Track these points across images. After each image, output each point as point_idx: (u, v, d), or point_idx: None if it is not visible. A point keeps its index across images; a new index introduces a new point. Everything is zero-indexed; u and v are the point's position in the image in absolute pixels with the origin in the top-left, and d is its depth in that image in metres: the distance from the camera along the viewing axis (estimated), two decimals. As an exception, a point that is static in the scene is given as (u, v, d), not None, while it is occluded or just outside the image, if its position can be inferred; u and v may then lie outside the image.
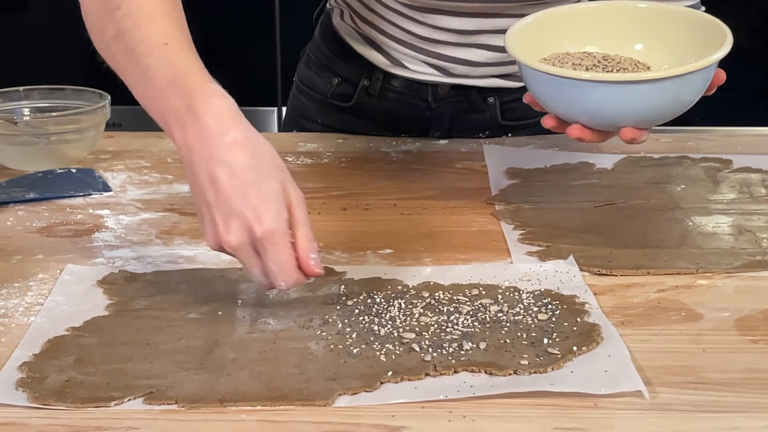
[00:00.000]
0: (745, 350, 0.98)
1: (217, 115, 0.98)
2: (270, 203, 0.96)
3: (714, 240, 1.21)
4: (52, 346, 0.97)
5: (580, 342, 0.97)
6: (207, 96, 0.99)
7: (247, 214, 0.95)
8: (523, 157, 1.47)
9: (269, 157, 0.99)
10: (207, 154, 0.97)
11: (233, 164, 0.96)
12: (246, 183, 0.96)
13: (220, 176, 0.96)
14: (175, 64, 1.02)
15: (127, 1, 1.07)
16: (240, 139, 0.97)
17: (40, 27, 2.96)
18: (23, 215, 1.29)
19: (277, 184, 0.97)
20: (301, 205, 0.98)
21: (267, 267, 0.97)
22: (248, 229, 0.96)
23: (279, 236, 0.96)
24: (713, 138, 1.58)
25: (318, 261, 0.98)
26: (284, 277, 0.97)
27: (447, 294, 1.07)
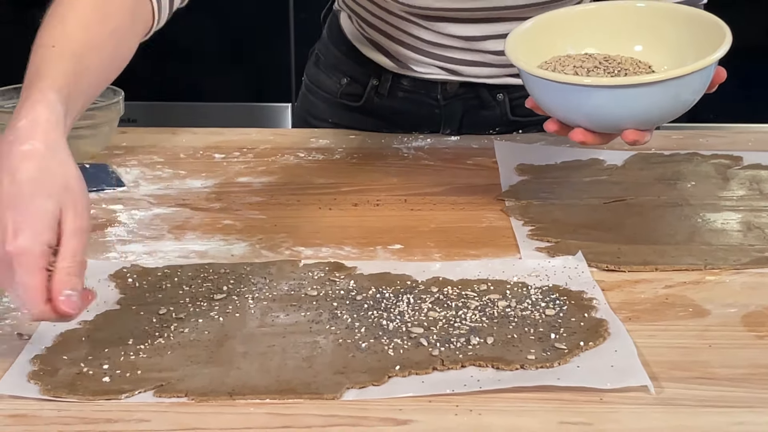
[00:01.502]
0: (751, 346, 0.98)
1: (30, 122, 0.93)
2: (32, 221, 0.89)
3: (722, 236, 1.21)
4: (64, 339, 0.98)
5: (587, 337, 0.98)
6: (35, 102, 0.94)
7: (6, 227, 0.89)
8: (533, 154, 1.48)
9: (61, 174, 0.92)
10: (3, 158, 0.92)
11: (17, 173, 0.90)
12: (20, 194, 0.90)
13: (2, 182, 0.90)
14: (40, 67, 0.98)
15: (55, 5, 1.05)
16: (37, 149, 0.91)
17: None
18: (37, 210, 1.30)
19: (52, 204, 0.90)
20: (77, 236, 0.91)
21: (15, 289, 0.90)
22: (2, 242, 0.89)
23: (29, 257, 0.88)
24: (724, 135, 1.58)
25: (72, 300, 0.90)
26: (28, 305, 0.89)
27: (455, 289, 1.07)
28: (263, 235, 1.22)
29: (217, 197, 1.34)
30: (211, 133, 1.57)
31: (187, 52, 2.85)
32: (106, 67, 1.05)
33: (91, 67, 1.02)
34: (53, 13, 1.04)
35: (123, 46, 1.07)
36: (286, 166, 1.45)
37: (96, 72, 1.03)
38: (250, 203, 1.32)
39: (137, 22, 1.11)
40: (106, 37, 1.05)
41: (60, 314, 0.90)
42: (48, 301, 0.89)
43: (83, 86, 1.00)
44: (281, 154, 1.49)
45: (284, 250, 1.19)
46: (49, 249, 0.89)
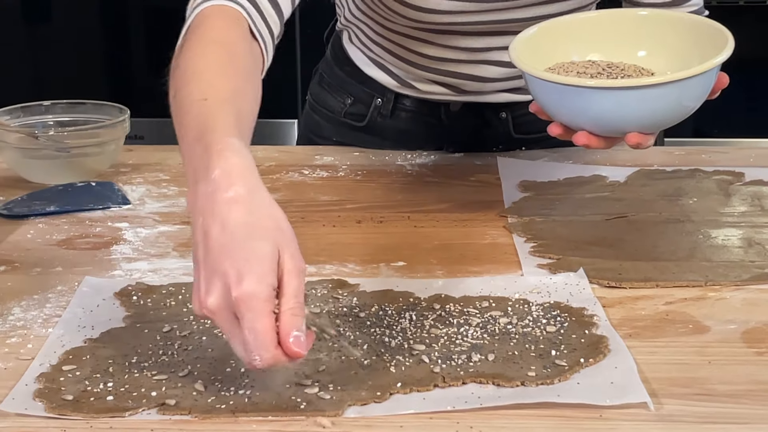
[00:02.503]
0: (750, 362, 0.99)
1: (225, 170, 0.91)
2: (254, 264, 0.87)
3: (723, 252, 1.22)
4: (70, 357, 0.99)
5: (588, 354, 0.99)
6: (221, 150, 0.93)
7: (228, 273, 0.86)
8: (536, 170, 1.49)
9: (270, 217, 0.90)
10: (206, 209, 0.90)
11: (227, 220, 0.89)
12: (235, 240, 0.88)
13: (212, 232, 0.88)
14: (206, 119, 0.97)
15: (183, 60, 1.06)
16: (241, 195, 0.90)
17: (63, 40, 2.99)
18: (43, 228, 1.31)
19: (270, 246, 0.88)
20: (296, 275, 0.89)
21: (243, 336, 0.87)
22: (227, 289, 0.86)
23: (257, 302, 0.86)
24: (726, 151, 1.59)
25: (301, 340, 0.87)
26: (259, 350, 0.86)
27: (457, 306, 1.08)
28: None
29: (222, 215, 1.35)
30: (216, 150, 1.58)
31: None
32: (252, 108, 1.05)
33: (245, 112, 1.02)
34: (186, 69, 1.05)
35: (256, 86, 1.09)
36: (290, 184, 1.46)
37: (247, 115, 1.03)
38: (255, 221, 1.33)
39: (257, 64, 1.13)
40: (243, 81, 1.06)
41: (291, 356, 0.87)
42: (277, 346, 0.87)
43: (245, 129, 1.00)
44: (286, 171, 1.50)
45: (288, 268, 1.19)
46: (273, 291, 0.87)
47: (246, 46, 1.12)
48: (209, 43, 1.09)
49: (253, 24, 1.14)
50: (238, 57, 1.09)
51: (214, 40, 1.10)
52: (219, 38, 1.11)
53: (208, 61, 1.06)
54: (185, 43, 1.10)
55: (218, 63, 1.06)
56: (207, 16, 1.13)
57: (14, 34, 3.00)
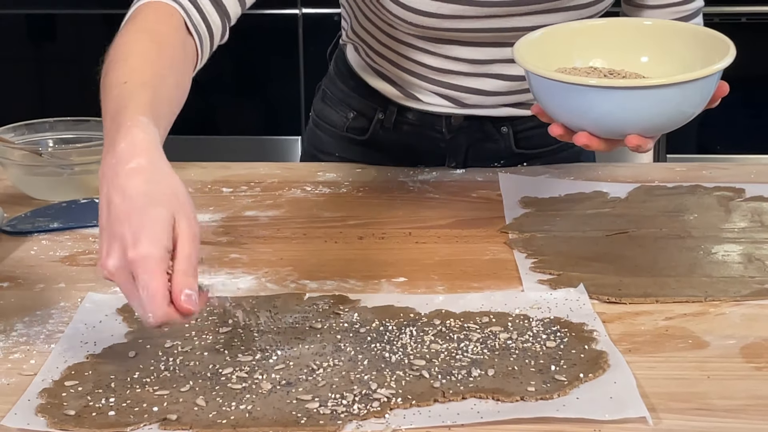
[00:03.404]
0: (749, 377, 0.99)
1: (130, 144, 0.98)
2: (150, 228, 0.93)
3: (723, 268, 1.23)
4: (72, 372, 1.00)
5: (587, 369, 0.99)
6: (130, 127, 0.99)
7: (126, 237, 0.93)
8: (538, 186, 1.49)
9: (169, 186, 0.97)
10: (110, 179, 0.97)
11: (128, 189, 0.95)
12: (134, 208, 0.94)
13: (114, 200, 0.95)
14: (122, 100, 1.03)
15: (113, 47, 1.12)
16: (142, 166, 0.97)
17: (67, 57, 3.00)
18: (47, 244, 1.32)
19: (165, 212, 0.95)
20: (190, 240, 0.95)
21: (138, 296, 0.93)
22: (124, 252, 0.93)
23: (151, 262, 0.92)
24: (726, 167, 1.59)
25: (192, 299, 0.94)
26: (153, 307, 0.92)
27: (458, 322, 1.09)
28: (269, 269, 1.24)
29: (224, 231, 1.36)
30: (219, 167, 1.59)
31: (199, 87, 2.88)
32: (173, 96, 1.10)
33: (163, 96, 1.07)
34: (114, 56, 1.10)
35: (182, 77, 1.14)
36: (293, 200, 1.46)
37: (167, 101, 1.08)
38: (257, 237, 1.34)
39: (188, 57, 1.17)
40: (168, 69, 1.11)
41: (182, 313, 0.94)
42: (170, 304, 0.93)
43: (161, 112, 1.05)
44: (288, 187, 1.51)
45: (290, 283, 1.20)
46: (167, 253, 0.94)
47: (176, 39, 1.16)
48: (137, 32, 1.14)
49: (189, 20, 1.17)
50: (164, 46, 1.13)
51: (143, 29, 1.15)
52: (148, 29, 1.15)
53: (134, 48, 1.11)
54: (118, 34, 1.14)
55: (143, 50, 1.11)
56: (142, 10, 1.17)
57: (19, 51, 3.02)
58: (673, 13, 1.45)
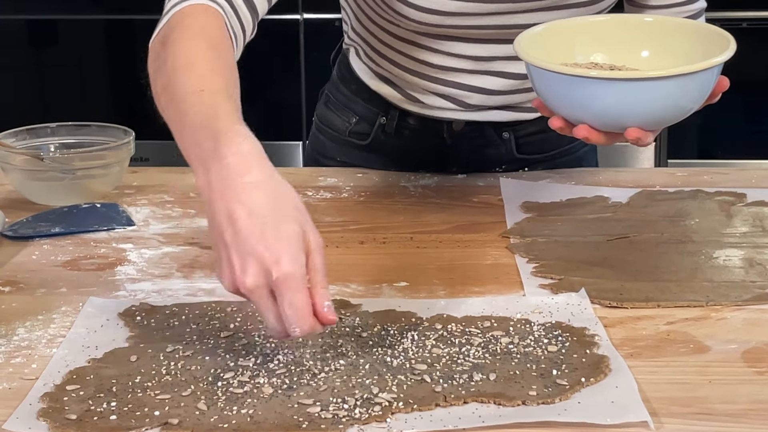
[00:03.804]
0: (750, 382, 0.99)
1: (239, 155, 0.97)
2: (288, 245, 0.94)
3: (725, 273, 1.23)
4: (73, 377, 1.00)
5: (589, 373, 0.99)
6: (232, 137, 0.98)
7: (264, 255, 0.94)
8: (539, 191, 1.49)
9: (289, 198, 0.98)
10: (227, 193, 0.96)
11: (252, 204, 0.95)
12: (264, 223, 0.94)
13: (239, 215, 0.95)
14: (207, 108, 1.02)
15: (172, 54, 1.10)
16: (260, 180, 0.97)
17: (69, 62, 3.01)
18: (48, 249, 1.32)
19: (297, 226, 0.96)
20: (319, 251, 0.97)
21: (282, 312, 0.95)
22: (265, 270, 0.94)
23: (296, 280, 0.94)
24: (727, 172, 1.60)
25: (332, 309, 0.97)
26: (299, 323, 0.95)
27: (459, 326, 1.09)
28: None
29: (225, 236, 1.36)
30: (220, 172, 1.59)
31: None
32: (239, 100, 1.09)
33: (238, 102, 1.07)
34: (175, 60, 1.10)
35: (238, 80, 1.13)
36: (294, 205, 1.46)
37: (240, 106, 1.07)
38: (259, 242, 1.34)
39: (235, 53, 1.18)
40: (231, 74, 1.11)
41: (326, 323, 0.96)
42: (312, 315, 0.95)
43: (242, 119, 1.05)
44: (290, 192, 1.50)
45: (291, 288, 1.20)
46: (305, 269, 0.95)
47: (227, 41, 1.16)
48: (195, 38, 1.13)
49: (227, 20, 1.18)
50: (223, 52, 1.14)
51: (199, 35, 1.14)
52: (204, 34, 1.15)
53: (197, 55, 1.11)
54: (170, 36, 1.13)
55: (207, 57, 1.11)
56: (188, 13, 1.16)
57: (20, 57, 3.02)
58: (676, 13, 1.46)
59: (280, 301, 0.94)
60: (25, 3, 2.97)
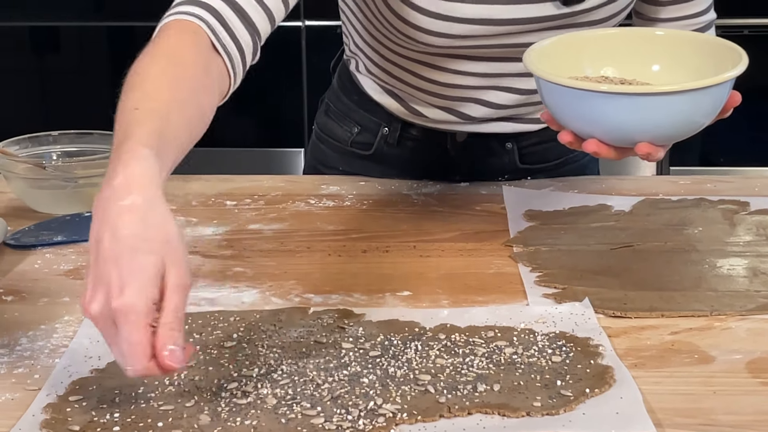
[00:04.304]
0: (755, 392, 0.99)
1: (126, 178, 0.93)
2: (136, 277, 0.88)
3: (729, 282, 1.22)
4: (76, 387, 1.00)
5: (593, 384, 0.99)
6: (129, 159, 0.94)
7: (112, 283, 0.88)
8: (542, 200, 1.49)
9: (161, 230, 0.91)
10: (102, 215, 0.92)
11: (119, 229, 0.90)
12: (122, 250, 0.89)
13: (104, 239, 0.90)
14: (129, 128, 0.98)
15: (132, 70, 1.07)
16: (137, 204, 0.91)
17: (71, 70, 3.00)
18: (51, 258, 1.32)
19: (155, 259, 0.89)
20: (178, 291, 0.90)
21: (118, 346, 0.89)
22: (108, 298, 0.88)
23: (134, 315, 0.88)
24: (731, 180, 1.59)
25: (176, 354, 0.89)
26: (132, 361, 0.88)
27: (463, 336, 1.09)
28: (273, 283, 1.24)
29: (228, 244, 1.36)
30: (222, 180, 1.59)
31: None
32: (189, 123, 1.06)
33: (176, 124, 1.03)
34: (130, 81, 1.06)
35: (203, 103, 1.09)
36: (296, 213, 1.46)
37: (180, 128, 1.04)
38: (261, 250, 1.34)
39: (213, 81, 1.13)
40: (186, 96, 1.07)
41: (165, 370, 0.89)
42: (152, 357, 0.89)
43: (171, 142, 1.01)
44: (292, 200, 1.50)
45: (294, 297, 1.20)
46: (153, 305, 0.89)
47: (199, 60, 1.12)
48: (157, 55, 1.10)
49: (215, 38, 1.14)
50: (185, 69, 1.09)
51: (163, 51, 1.11)
52: (168, 50, 1.11)
53: (152, 72, 1.07)
54: (140, 54, 1.11)
55: (160, 74, 1.07)
56: (165, 29, 1.14)
57: (22, 64, 3.02)
58: (686, 26, 1.45)
59: (119, 334, 0.88)
60: (27, 10, 2.97)
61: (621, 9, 1.41)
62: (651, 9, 1.47)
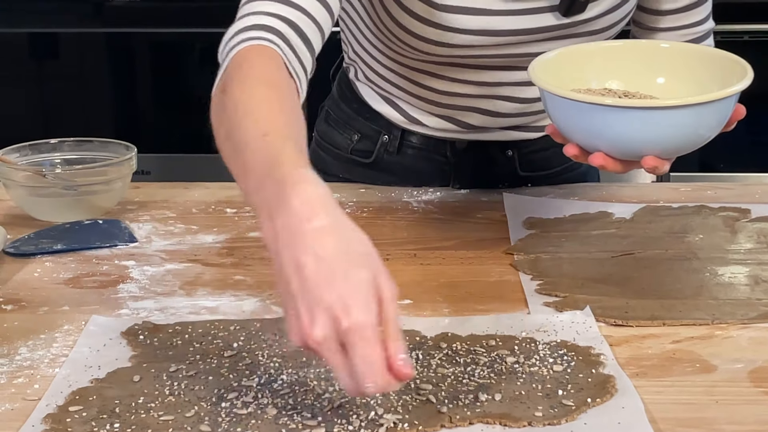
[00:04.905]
0: (757, 402, 0.99)
1: (304, 201, 0.91)
2: (359, 294, 0.88)
3: (730, 290, 1.22)
4: (76, 397, 0.99)
5: (595, 393, 0.99)
6: (296, 183, 0.93)
7: (333, 305, 0.87)
8: (542, 207, 1.49)
9: (359, 243, 0.91)
10: (293, 241, 0.90)
11: (320, 251, 0.89)
12: (333, 271, 0.88)
13: (306, 263, 0.88)
14: (272, 154, 0.98)
15: (232, 100, 1.07)
16: (328, 226, 0.90)
17: (71, 77, 3.00)
18: (50, 266, 1.31)
19: (367, 273, 0.89)
20: (393, 300, 0.90)
21: (354, 365, 0.87)
22: (334, 320, 0.87)
23: (368, 330, 0.87)
24: (732, 187, 1.59)
25: (408, 362, 0.89)
26: (373, 377, 0.87)
27: (464, 345, 1.08)
28: (274, 291, 1.23)
29: (228, 252, 1.36)
30: (223, 187, 1.59)
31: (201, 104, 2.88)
32: (305, 141, 1.06)
33: (303, 146, 1.03)
34: (235, 106, 1.06)
35: (304, 122, 1.09)
36: (297, 221, 1.46)
37: (306, 150, 1.04)
38: (262, 258, 1.33)
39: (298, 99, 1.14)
40: (294, 118, 1.07)
41: (402, 378, 0.89)
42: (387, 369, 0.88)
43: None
44: (292, 208, 1.50)
45: (294, 306, 1.20)
46: (377, 318, 0.88)
47: (287, 82, 1.14)
48: (255, 83, 1.10)
49: (288, 62, 1.16)
50: (284, 94, 1.10)
51: (258, 78, 1.11)
52: (263, 77, 1.11)
53: (258, 99, 1.07)
54: (229, 84, 1.10)
55: (269, 101, 1.07)
56: (245, 56, 1.14)
57: (21, 71, 3.02)
58: (684, 35, 1.45)
59: (352, 354, 0.87)
60: (26, 16, 2.96)
61: (620, 19, 1.41)
62: (650, 18, 1.47)
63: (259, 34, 1.16)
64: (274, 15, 1.19)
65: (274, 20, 1.18)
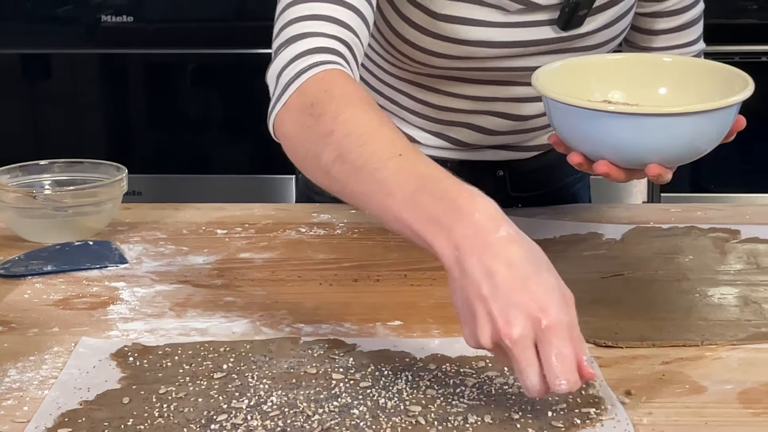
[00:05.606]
0: (747, 423, 0.99)
1: (485, 213, 0.98)
2: (551, 295, 0.94)
3: (720, 311, 1.22)
4: (65, 419, 0.99)
5: (584, 415, 0.99)
6: (470, 196, 0.99)
7: (530, 305, 0.93)
8: (533, 228, 1.47)
9: (538, 251, 0.98)
10: (480, 249, 0.96)
11: (511, 258, 0.95)
12: (526, 275, 0.95)
13: (498, 269, 0.94)
14: (418, 172, 1.02)
15: (340, 123, 1.08)
16: (513, 235, 0.97)
17: (62, 99, 3.00)
18: (40, 288, 1.31)
19: (554, 278, 0.97)
20: (573, 303, 0.97)
21: (548, 363, 0.93)
22: (532, 320, 0.93)
23: (564, 329, 0.93)
24: (722, 208, 1.59)
25: (592, 364, 0.97)
26: (567, 375, 0.93)
27: (454, 366, 1.08)
28: (264, 312, 1.23)
29: (218, 273, 1.36)
30: (213, 208, 1.59)
31: (192, 125, 2.88)
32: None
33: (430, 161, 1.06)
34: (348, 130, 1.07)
35: None
36: (287, 242, 1.46)
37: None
38: (252, 279, 1.33)
39: None
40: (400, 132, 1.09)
41: (586, 378, 0.95)
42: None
43: None
44: (283, 229, 1.50)
45: (285, 327, 1.20)
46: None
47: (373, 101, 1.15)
48: (354, 105, 1.11)
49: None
50: (379, 110, 1.12)
51: (355, 100, 1.12)
52: (356, 98, 1.12)
53: (366, 119, 1.09)
54: (323, 107, 1.10)
55: (375, 119, 1.09)
56: (329, 80, 1.14)
57: (13, 91, 3.02)
58: (676, 55, 1.46)
59: (547, 351, 0.93)
60: (18, 37, 2.97)
61: (617, 35, 1.42)
62: (644, 38, 1.48)
63: (329, 57, 1.16)
64: (332, 37, 1.18)
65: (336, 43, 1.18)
